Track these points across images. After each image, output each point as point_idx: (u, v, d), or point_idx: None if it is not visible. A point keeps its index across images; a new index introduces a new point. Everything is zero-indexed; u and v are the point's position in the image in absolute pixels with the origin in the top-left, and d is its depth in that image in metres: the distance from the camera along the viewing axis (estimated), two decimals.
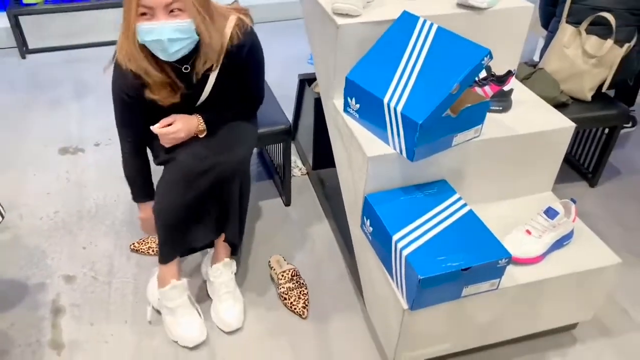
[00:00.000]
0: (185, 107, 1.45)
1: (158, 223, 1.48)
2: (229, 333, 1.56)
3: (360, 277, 1.63)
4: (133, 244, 1.81)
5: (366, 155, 1.36)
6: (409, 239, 1.29)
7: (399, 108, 1.31)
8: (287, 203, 2.03)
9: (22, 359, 1.47)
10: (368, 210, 1.41)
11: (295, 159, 2.25)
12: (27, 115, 2.53)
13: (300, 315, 1.62)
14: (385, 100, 1.34)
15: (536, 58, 2.41)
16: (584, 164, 2.23)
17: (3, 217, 1.29)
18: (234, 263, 1.63)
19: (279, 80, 2.49)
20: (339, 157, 1.62)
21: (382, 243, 1.36)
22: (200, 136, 1.47)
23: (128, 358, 1.49)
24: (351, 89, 1.45)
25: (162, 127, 1.42)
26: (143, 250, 1.80)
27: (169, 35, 1.25)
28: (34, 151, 2.29)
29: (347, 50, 1.48)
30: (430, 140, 1.33)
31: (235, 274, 1.63)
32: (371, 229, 1.42)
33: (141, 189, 1.55)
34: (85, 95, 2.70)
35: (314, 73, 2.10)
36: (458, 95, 1.32)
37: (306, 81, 2.07)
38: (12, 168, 2.18)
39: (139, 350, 1.51)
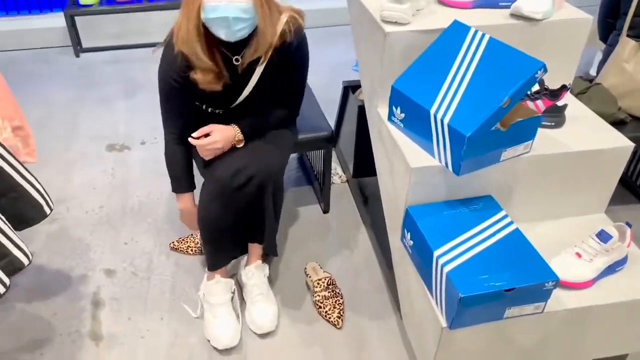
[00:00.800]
0: (226, 99, 1.47)
1: (203, 236, 1.53)
2: (262, 337, 1.56)
3: (397, 290, 1.59)
4: (173, 242, 1.84)
5: (410, 166, 1.33)
6: (451, 255, 1.25)
7: (446, 120, 1.28)
8: (326, 210, 2.02)
9: (63, 347, 1.51)
10: (409, 222, 1.38)
11: (335, 166, 2.23)
12: (78, 111, 2.63)
13: (334, 325, 1.60)
14: (432, 111, 1.31)
15: (593, 72, 2.32)
16: None
17: (51, 210, 1.33)
18: (267, 266, 1.64)
19: (324, 86, 2.48)
20: (380, 166, 1.59)
21: (422, 257, 1.33)
22: (238, 146, 1.48)
23: (163, 354, 1.51)
24: (397, 98, 1.42)
25: (200, 138, 1.45)
26: (182, 249, 1.82)
27: (234, 14, 1.28)
28: (82, 147, 2.36)
29: (394, 58, 1.45)
30: (478, 154, 1.29)
31: (267, 277, 1.63)
32: (412, 242, 1.38)
33: (181, 181, 1.55)
34: (133, 95, 2.78)
35: (359, 80, 2.09)
36: (509, 109, 1.27)
37: (350, 88, 2.05)
38: (61, 162, 2.26)
39: (174, 347, 1.53)
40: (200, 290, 1.61)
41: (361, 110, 1.93)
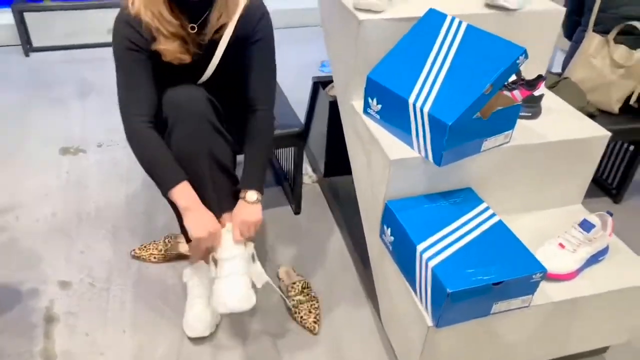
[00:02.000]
0: (192, 75, 1.37)
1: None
2: (235, 342, 1.45)
3: (376, 291, 1.52)
4: (134, 250, 1.71)
5: (388, 158, 1.27)
6: (435, 249, 1.19)
7: (426, 109, 1.22)
8: (297, 211, 1.93)
9: None
10: (389, 217, 1.32)
11: (305, 166, 2.15)
12: (28, 114, 2.45)
13: (310, 331, 1.51)
14: (411, 101, 1.25)
15: (556, 69, 2.34)
16: (607, 179, 2.14)
17: None
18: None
19: (292, 85, 2.40)
20: (356, 162, 1.52)
21: (404, 253, 1.26)
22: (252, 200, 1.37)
23: None
24: (373, 88, 1.36)
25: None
26: (144, 257, 1.69)
27: None
28: (33, 150, 2.20)
29: (368, 47, 1.39)
30: (459, 144, 1.24)
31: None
32: (392, 238, 1.32)
33: (173, 167, 1.29)
34: (88, 96, 2.62)
35: (329, 76, 2.03)
36: (490, 96, 1.23)
37: (320, 84, 1.99)
38: (10, 167, 2.09)
39: None
40: (184, 276, 1.54)
41: (332, 106, 1.86)
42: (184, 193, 1.29)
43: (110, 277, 1.64)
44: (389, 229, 1.32)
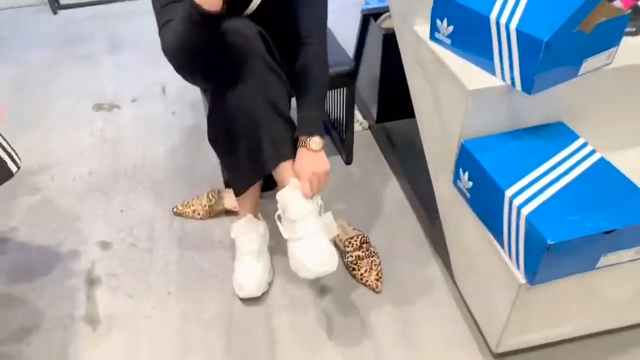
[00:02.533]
0: (238, 5, 1.16)
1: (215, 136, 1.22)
2: (291, 302, 1.32)
3: (447, 245, 1.34)
4: (176, 206, 1.58)
5: (466, 88, 1.06)
6: (527, 194, 0.99)
7: (513, 25, 1.00)
8: (349, 161, 1.76)
9: (53, 334, 1.27)
10: (466, 160, 1.12)
11: (355, 112, 1.95)
12: (59, 72, 2.33)
13: (373, 289, 1.36)
14: (493, 17, 1.03)
15: None
16: None
17: (18, 167, 1.07)
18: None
19: (333, 24, 2.18)
20: (420, 100, 1.32)
21: (487, 201, 1.07)
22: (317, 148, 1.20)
23: (172, 335, 1.27)
24: (442, 8, 1.14)
25: None
26: (187, 214, 1.56)
27: None
28: (66, 108, 2.08)
29: None
30: (555, 66, 1.02)
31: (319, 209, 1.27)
32: (470, 183, 1.12)
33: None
34: (119, 51, 2.48)
35: (380, 7, 1.80)
36: (594, 4, 1.00)
37: (371, 17, 1.76)
38: (42, 126, 1.98)
39: (185, 326, 1.28)
40: (232, 232, 1.40)
41: (386, 40, 1.64)
42: None
43: (152, 236, 1.52)
44: (466, 173, 1.13)
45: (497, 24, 1.03)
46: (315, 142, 1.18)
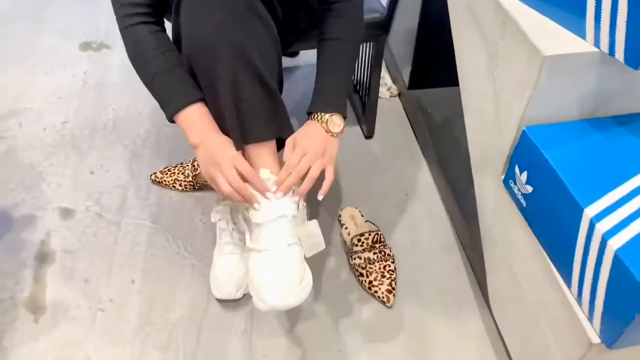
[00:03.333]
0: None
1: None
2: (274, 323, 1.06)
3: (485, 260, 1.04)
4: (155, 173, 1.31)
5: (540, 53, 0.73)
6: (617, 217, 0.68)
7: None
8: (369, 134, 1.45)
9: None
10: (527, 154, 0.81)
11: (383, 74, 1.63)
12: (50, 4, 2.03)
13: (383, 303, 1.08)
14: None
15: None
16: None
17: None
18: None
19: None
20: (467, 62, 0.99)
21: (554, 217, 0.76)
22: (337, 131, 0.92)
23: (128, 335, 1.03)
24: None
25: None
26: (167, 183, 1.30)
27: None
28: (49, 45, 1.79)
29: None
30: None
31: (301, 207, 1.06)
32: (529, 188, 0.81)
33: (181, 83, 0.87)
34: None
35: None
36: None
37: None
38: (19, 65, 1.70)
39: (147, 325, 1.04)
40: (212, 215, 1.13)
41: None
42: (194, 118, 0.86)
43: (123, 206, 1.27)
44: (525, 174, 0.82)
45: None
46: (336, 122, 0.89)
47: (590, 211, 0.69)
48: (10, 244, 1.18)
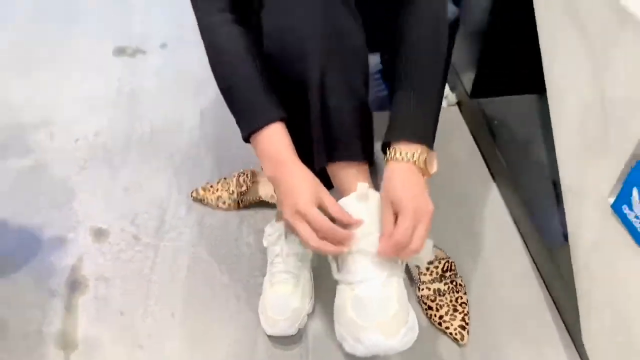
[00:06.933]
0: None
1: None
2: (333, 351, 0.93)
3: (579, 299, 0.90)
4: (196, 190, 1.20)
5: None
6: None
7: None
8: None
9: (10, 357, 0.94)
10: None
11: None
12: (80, 5, 1.95)
13: (456, 340, 0.95)
14: None
15: None
16: None
17: None
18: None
19: None
20: (562, 69, 0.85)
21: None
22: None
23: None
24: None
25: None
26: (210, 201, 1.18)
27: None
28: (82, 50, 1.71)
29: None
30: None
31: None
32: None
33: (260, 97, 0.76)
34: None
35: None
36: None
37: None
38: (50, 71, 1.62)
39: None
40: (265, 238, 1.01)
41: None
42: (271, 143, 0.74)
43: (161, 227, 1.16)
44: None
45: None
46: (434, 162, 0.75)
47: None
48: (38, 269, 1.08)
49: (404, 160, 0.73)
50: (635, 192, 0.70)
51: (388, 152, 0.75)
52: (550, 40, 0.88)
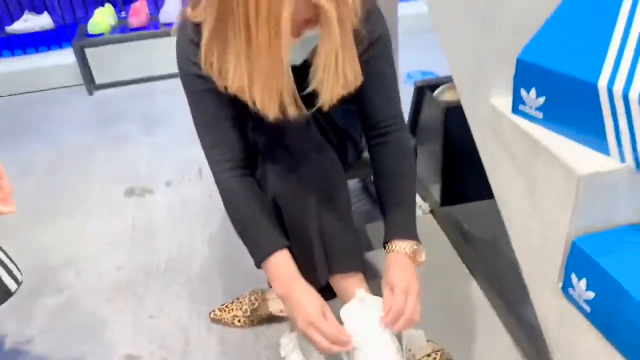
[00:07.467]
0: None
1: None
2: None
3: None
4: (214, 311, 1.36)
5: (575, 173, 0.83)
6: None
7: (634, 93, 0.79)
8: None
9: None
10: (581, 264, 0.87)
11: None
12: (93, 154, 2.23)
13: None
14: (602, 85, 0.82)
15: None
16: None
17: (19, 284, 0.90)
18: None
19: None
20: (504, 187, 1.09)
21: (624, 321, 0.81)
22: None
23: None
24: (527, 75, 0.95)
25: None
26: (227, 320, 1.34)
27: None
28: (97, 194, 1.95)
29: (513, 22, 0.98)
30: None
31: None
32: (591, 294, 0.87)
33: (267, 230, 0.98)
34: (155, 130, 2.38)
35: (434, 80, 1.63)
36: None
37: (427, 88, 1.58)
38: (70, 214, 1.84)
39: None
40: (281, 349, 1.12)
41: (448, 115, 1.46)
42: (279, 267, 0.95)
43: (187, 349, 1.30)
44: (583, 281, 0.88)
45: (610, 92, 0.82)
46: (421, 252, 0.99)
47: None
48: None
49: (399, 252, 0.98)
50: (573, 277, 0.90)
51: (387, 247, 1.00)
52: (488, 159, 1.12)
